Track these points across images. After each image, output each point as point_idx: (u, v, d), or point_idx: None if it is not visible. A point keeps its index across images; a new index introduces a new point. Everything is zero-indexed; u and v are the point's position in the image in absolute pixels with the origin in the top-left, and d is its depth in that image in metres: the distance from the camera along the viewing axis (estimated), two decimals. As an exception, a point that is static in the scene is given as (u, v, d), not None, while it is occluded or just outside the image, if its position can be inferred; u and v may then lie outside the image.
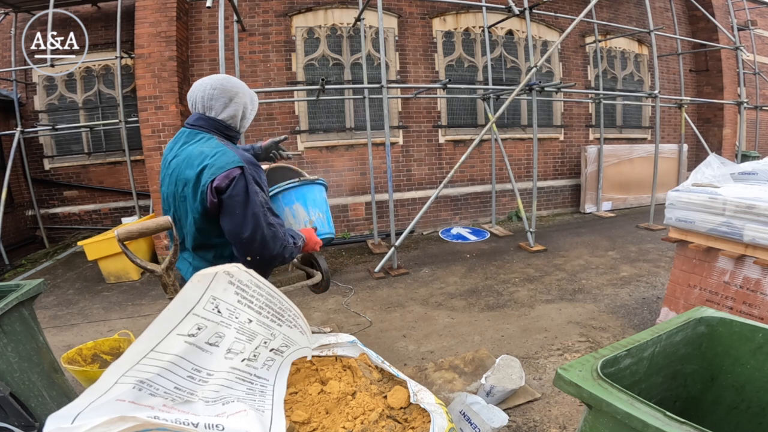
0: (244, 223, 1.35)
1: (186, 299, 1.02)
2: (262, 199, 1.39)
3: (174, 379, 1.01)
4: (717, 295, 2.57)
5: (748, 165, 2.88)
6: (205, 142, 1.45)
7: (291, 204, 1.86)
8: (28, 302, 1.89)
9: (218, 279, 1.06)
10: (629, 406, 0.84)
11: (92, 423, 0.86)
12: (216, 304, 1.06)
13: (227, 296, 1.08)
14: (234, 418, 1.06)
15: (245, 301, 1.12)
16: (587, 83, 7.65)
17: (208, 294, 1.04)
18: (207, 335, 1.06)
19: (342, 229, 6.38)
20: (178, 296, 1.01)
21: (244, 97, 1.54)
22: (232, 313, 1.10)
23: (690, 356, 1.24)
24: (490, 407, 2.02)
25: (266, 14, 5.89)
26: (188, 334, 1.02)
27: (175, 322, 1.00)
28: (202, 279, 1.04)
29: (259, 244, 1.38)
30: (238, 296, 1.10)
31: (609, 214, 7.25)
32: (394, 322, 3.46)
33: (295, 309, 1.24)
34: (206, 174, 1.36)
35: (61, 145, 6.52)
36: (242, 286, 1.11)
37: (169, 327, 1.00)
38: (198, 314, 1.03)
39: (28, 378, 1.81)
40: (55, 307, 4.14)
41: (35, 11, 5.88)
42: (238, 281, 1.10)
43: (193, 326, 1.03)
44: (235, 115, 1.52)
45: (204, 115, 1.50)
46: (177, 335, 1.00)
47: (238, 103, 1.52)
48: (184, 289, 1.02)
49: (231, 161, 1.36)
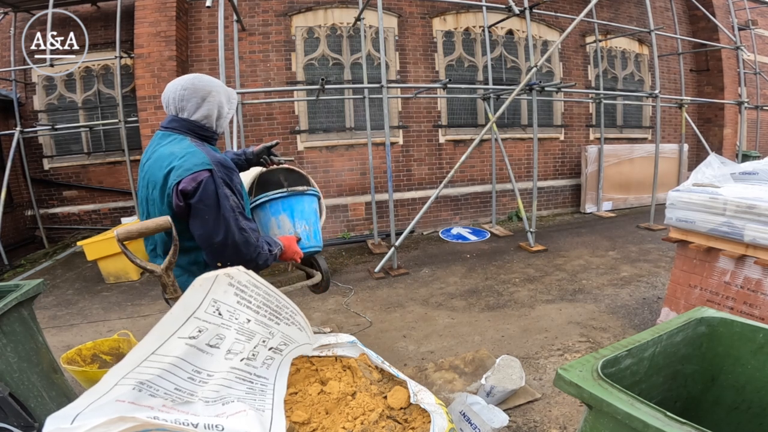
0: (215, 227, 1.31)
1: (187, 304, 1.02)
2: (233, 203, 1.35)
3: (174, 380, 1.02)
4: (717, 296, 2.57)
5: (748, 165, 2.87)
6: (176, 144, 1.41)
7: (277, 214, 1.83)
8: (28, 302, 1.89)
9: (219, 282, 1.06)
10: (630, 407, 0.84)
11: (91, 423, 0.86)
12: (217, 307, 1.06)
13: (227, 298, 1.08)
14: (234, 419, 1.06)
15: (244, 302, 1.12)
16: (587, 83, 7.64)
17: (210, 297, 1.05)
18: (207, 337, 1.06)
19: (342, 229, 6.37)
20: (179, 301, 1.02)
21: (218, 95, 1.49)
22: (232, 315, 1.10)
23: (690, 356, 1.23)
24: (490, 407, 2.02)
25: (266, 14, 5.89)
26: (189, 336, 1.03)
27: (177, 326, 1.01)
28: (203, 283, 1.04)
29: (231, 249, 1.34)
30: (237, 297, 1.10)
31: (609, 214, 7.25)
32: (394, 322, 3.46)
33: (292, 306, 1.25)
34: (173, 176, 1.32)
35: (61, 145, 6.51)
36: (241, 287, 1.11)
37: (170, 331, 1.00)
38: (199, 317, 1.04)
39: (27, 378, 1.80)
40: (54, 308, 4.14)
41: (35, 11, 5.88)
42: (237, 282, 1.10)
43: (194, 329, 1.03)
44: (209, 114, 1.48)
45: (177, 117, 1.46)
46: (178, 338, 1.01)
47: (212, 103, 1.47)
48: (186, 294, 1.02)
49: (199, 163, 1.32)
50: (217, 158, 1.38)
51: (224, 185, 1.34)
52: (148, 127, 5.23)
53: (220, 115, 1.52)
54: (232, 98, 1.58)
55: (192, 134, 1.47)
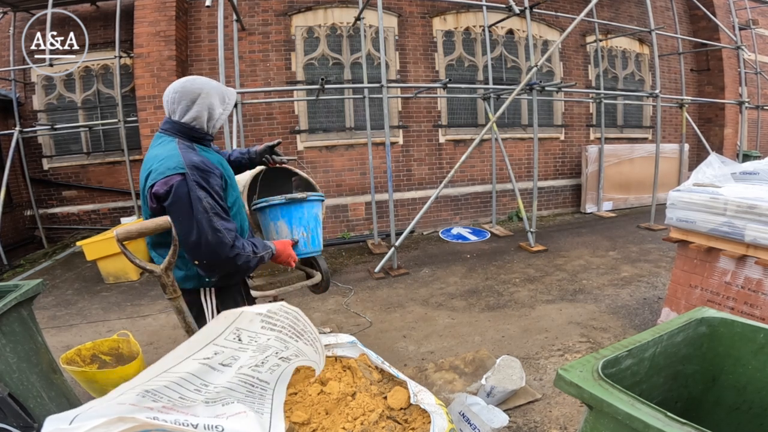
0: (189, 228, 1.36)
1: (209, 333, 1.04)
2: (206, 204, 1.38)
3: (180, 391, 1.02)
4: (718, 296, 2.56)
5: (749, 165, 2.86)
6: (163, 146, 1.46)
7: (276, 220, 1.86)
8: (27, 303, 1.89)
9: (245, 315, 1.07)
10: (630, 407, 0.84)
11: (90, 424, 0.86)
12: (238, 335, 1.07)
13: (252, 326, 1.08)
14: (233, 419, 1.06)
15: (268, 326, 1.12)
16: (588, 83, 7.64)
17: (233, 326, 1.06)
18: (222, 358, 1.07)
19: (342, 229, 6.37)
20: (202, 330, 1.03)
21: (209, 97, 1.51)
22: (252, 339, 1.10)
23: (691, 357, 1.23)
24: (490, 408, 2.02)
25: (266, 13, 5.88)
26: (204, 357, 1.04)
27: (194, 350, 1.02)
28: (229, 316, 1.05)
29: (205, 248, 1.38)
30: (263, 323, 1.10)
31: (610, 214, 7.24)
32: (394, 322, 3.46)
33: (316, 333, 1.23)
34: (150, 179, 1.39)
35: (60, 145, 6.51)
36: (270, 314, 1.11)
37: (187, 354, 1.02)
38: (218, 344, 1.05)
39: (26, 379, 1.80)
40: (54, 308, 4.14)
41: (34, 10, 5.87)
42: (266, 310, 1.10)
43: (210, 352, 1.04)
44: (198, 116, 1.50)
45: (169, 119, 1.52)
46: (193, 359, 1.02)
47: (202, 105, 1.50)
48: (209, 324, 1.04)
49: (172, 167, 1.36)
50: (194, 162, 1.40)
51: (198, 188, 1.37)
52: (147, 127, 5.23)
53: (211, 117, 1.54)
54: (229, 98, 1.59)
55: (181, 136, 1.50)
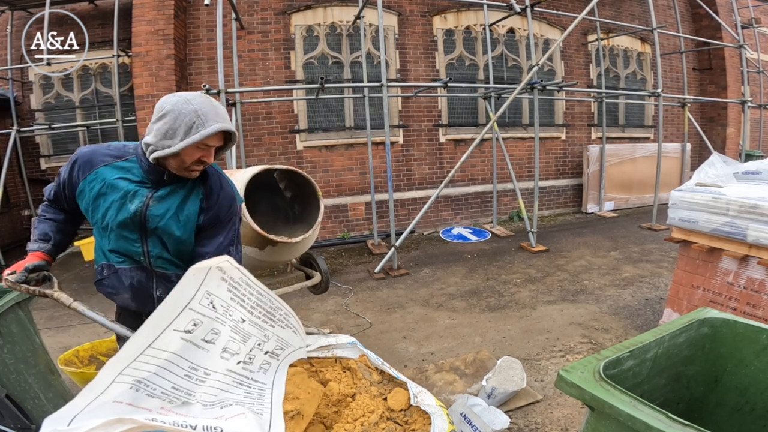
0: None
1: (182, 294, 1.04)
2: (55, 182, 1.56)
3: (171, 378, 1.02)
4: (720, 296, 2.55)
5: (752, 164, 2.84)
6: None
7: None
8: (25, 303, 1.88)
9: (212, 274, 1.08)
10: (632, 408, 0.83)
11: (89, 425, 0.86)
12: (211, 300, 1.08)
13: (221, 292, 1.10)
14: (233, 421, 1.06)
15: (237, 299, 1.14)
16: (589, 82, 7.62)
17: (203, 289, 1.07)
18: (203, 332, 1.07)
19: (342, 229, 6.36)
20: (173, 291, 1.03)
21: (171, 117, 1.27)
22: (226, 310, 1.12)
23: (693, 358, 1.22)
24: (491, 409, 2.01)
25: (265, 12, 5.87)
26: (184, 330, 1.04)
27: (172, 317, 1.02)
28: (196, 273, 1.06)
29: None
30: (230, 293, 1.12)
31: (611, 214, 7.22)
32: (394, 323, 3.44)
33: (286, 308, 1.26)
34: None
35: (58, 145, 6.49)
36: (234, 284, 1.13)
37: (165, 323, 1.01)
38: (194, 309, 1.05)
39: (24, 380, 1.79)
40: (51, 308, 4.12)
41: (31, 9, 5.86)
42: (230, 278, 1.12)
43: (189, 322, 1.04)
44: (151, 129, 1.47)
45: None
46: (174, 331, 1.02)
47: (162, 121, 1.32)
48: (180, 284, 1.04)
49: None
50: (84, 151, 1.47)
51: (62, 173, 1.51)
52: (145, 126, 5.20)
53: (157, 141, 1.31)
54: (194, 128, 1.25)
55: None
